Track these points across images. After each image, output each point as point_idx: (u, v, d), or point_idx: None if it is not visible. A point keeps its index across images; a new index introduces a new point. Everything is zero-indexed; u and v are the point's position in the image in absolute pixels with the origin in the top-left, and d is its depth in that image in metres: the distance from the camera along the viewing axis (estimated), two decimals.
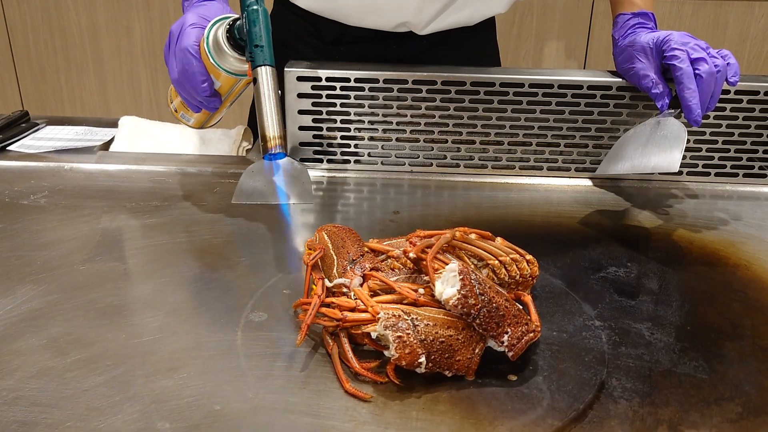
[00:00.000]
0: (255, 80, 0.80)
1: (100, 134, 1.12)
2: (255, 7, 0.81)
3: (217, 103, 0.88)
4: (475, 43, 1.16)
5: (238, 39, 0.82)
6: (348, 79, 0.98)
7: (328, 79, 0.98)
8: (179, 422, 0.56)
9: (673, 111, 0.93)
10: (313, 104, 1.00)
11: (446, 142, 1.02)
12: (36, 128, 1.13)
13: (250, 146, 1.11)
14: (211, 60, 0.83)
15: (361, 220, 0.91)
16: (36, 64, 2.44)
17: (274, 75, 0.80)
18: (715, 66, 0.89)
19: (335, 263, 0.69)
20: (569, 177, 1.03)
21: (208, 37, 0.83)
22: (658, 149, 0.91)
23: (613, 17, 1.04)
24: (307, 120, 1.01)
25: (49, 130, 1.14)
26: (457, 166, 1.03)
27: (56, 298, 0.72)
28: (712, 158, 1.02)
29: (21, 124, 1.13)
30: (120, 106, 2.48)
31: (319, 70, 0.98)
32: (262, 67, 0.79)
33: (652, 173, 1.01)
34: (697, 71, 0.89)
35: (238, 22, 0.82)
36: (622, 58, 0.97)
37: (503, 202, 0.98)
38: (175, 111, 0.96)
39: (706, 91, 0.89)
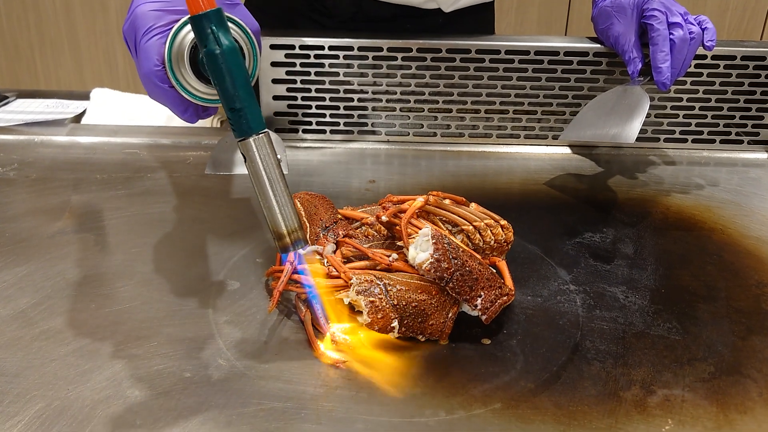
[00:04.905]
0: (244, 157, 0.57)
1: (72, 107, 1.10)
2: (217, 50, 0.54)
3: (210, 111, 0.64)
4: (482, 21, 1.16)
5: (206, 74, 0.58)
6: (322, 47, 0.96)
7: (301, 47, 0.96)
8: (149, 390, 0.55)
9: (642, 79, 0.92)
10: (287, 73, 0.98)
11: (422, 110, 1.01)
12: (5, 101, 1.11)
13: (223, 117, 1.09)
14: (173, 80, 0.59)
15: (337, 189, 0.90)
16: (9, 40, 2.39)
17: (269, 143, 0.56)
18: (689, 33, 0.88)
19: (308, 230, 0.68)
20: (547, 145, 1.02)
21: (171, 47, 0.58)
22: (619, 118, 0.89)
23: None
24: (281, 89, 0.99)
25: (20, 103, 1.11)
26: (434, 135, 1.02)
27: (25, 269, 0.70)
28: (689, 125, 1.02)
29: None
30: (96, 83, 2.43)
31: (292, 38, 0.96)
32: (250, 139, 0.56)
33: (613, 143, 1.00)
34: (671, 36, 0.88)
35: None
36: (602, 19, 0.96)
37: (481, 170, 0.97)
38: None
39: (678, 57, 0.88)
